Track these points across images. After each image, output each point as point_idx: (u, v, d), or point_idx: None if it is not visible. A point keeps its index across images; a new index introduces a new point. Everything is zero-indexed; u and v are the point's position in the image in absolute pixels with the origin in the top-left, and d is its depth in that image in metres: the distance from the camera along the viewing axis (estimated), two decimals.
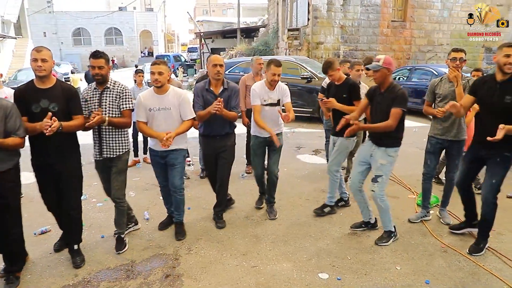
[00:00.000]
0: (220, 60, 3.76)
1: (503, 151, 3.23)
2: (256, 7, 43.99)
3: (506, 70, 3.10)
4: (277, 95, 4.01)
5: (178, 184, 3.68)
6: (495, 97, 3.16)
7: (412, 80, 11.21)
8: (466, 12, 16.54)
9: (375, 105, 3.58)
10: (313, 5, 14.97)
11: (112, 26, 39.61)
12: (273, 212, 4.26)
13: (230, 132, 3.98)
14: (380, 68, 3.38)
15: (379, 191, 3.55)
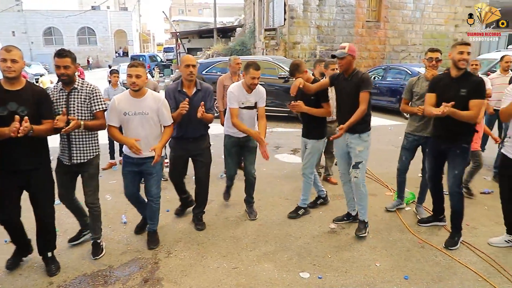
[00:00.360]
0: (192, 60, 3.67)
1: (462, 143, 3.44)
2: (232, 7, 43.94)
3: (460, 66, 3.32)
4: (254, 98, 3.96)
5: (156, 192, 3.57)
6: (451, 91, 3.35)
7: (387, 79, 11.43)
8: (437, 13, 17.08)
9: (341, 91, 3.71)
10: (289, 5, 15.06)
11: (85, 25, 38.72)
12: (253, 213, 4.24)
13: (205, 134, 3.90)
14: (346, 55, 3.52)
15: (361, 176, 3.70)
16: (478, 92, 3.30)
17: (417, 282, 3.04)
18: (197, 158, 3.88)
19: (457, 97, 3.29)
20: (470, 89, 3.29)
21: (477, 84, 3.32)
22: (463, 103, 3.27)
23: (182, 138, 3.78)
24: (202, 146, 3.86)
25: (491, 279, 3.05)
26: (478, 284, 3.01)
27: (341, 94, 3.73)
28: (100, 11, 39.96)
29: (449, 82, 3.42)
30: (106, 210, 4.37)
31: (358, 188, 3.73)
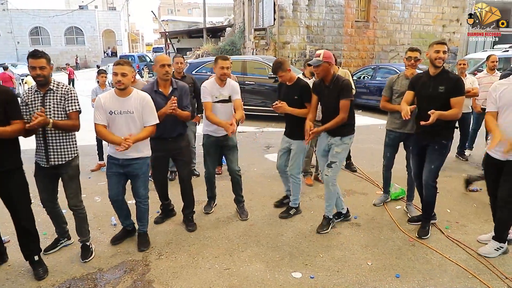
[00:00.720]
0: (167, 59, 3.63)
1: (441, 138, 3.56)
2: (222, 7, 43.85)
3: (437, 64, 3.43)
4: (228, 92, 3.94)
5: (143, 193, 3.52)
6: (430, 89, 3.49)
7: (376, 79, 11.51)
8: (425, 13, 17.26)
9: (324, 99, 3.74)
10: (279, 5, 15.07)
11: (73, 25, 38.22)
12: (244, 213, 4.22)
13: (183, 132, 3.86)
14: (321, 63, 3.54)
15: (332, 175, 3.76)
16: (457, 89, 3.41)
17: (409, 280, 3.05)
18: (177, 157, 3.85)
19: (436, 94, 3.45)
20: (449, 86, 3.41)
21: (456, 82, 3.42)
22: (441, 100, 3.42)
23: (160, 138, 3.69)
24: (182, 145, 3.83)
25: (480, 276, 3.08)
26: (469, 281, 3.04)
27: (323, 101, 3.77)
28: (88, 11, 39.48)
29: (427, 80, 3.54)
30: (95, 212, 4.33)
31: (327, 186, 3.81)
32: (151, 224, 4.04)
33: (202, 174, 4.92)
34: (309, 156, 5.27)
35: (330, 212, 3.90)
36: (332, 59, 3.59)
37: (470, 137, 6.50)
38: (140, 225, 3.65)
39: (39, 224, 3.48)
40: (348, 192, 4.98)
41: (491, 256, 3.39)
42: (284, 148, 4.16)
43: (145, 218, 3.63)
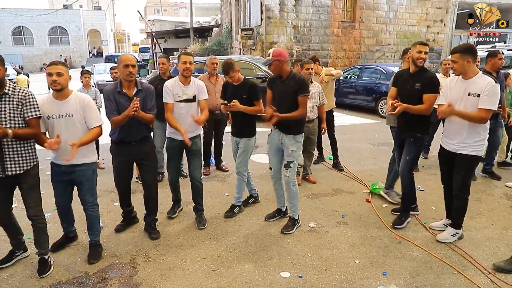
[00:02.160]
0: (131, 59, 3.45)
1: (416, 132, 3.80)
2: (209, 7, 43.72)
3: (418, 64, 3.67)
4: (192, 91, 3.83)
5: (90, 200, 3.33)
6: (409, 85, 3.73)
7: (362, 78, 11.61)
8: (409, 14, 17.50)
9: (278, 93, 3.77)
10: (266, 5, 15.11)
11: (57, 24, 37.64)
12: (202, 221, 4.02)
13: (148, 136, 3.70)
14: (272, 61, 3.63)
15: (291, 175, 3.82)
16: (430, 87, 3.63)
17: (395, 277, 3.09)
18: (142, 162, 3.67)
19: (413, 90, 3.68)
20: (423, 83, 3.63)
21: (429, 79, 3.65)
22: (417, 96, 3.65)
23: (123, 142, 3.55)
24: (146, 149, 3.67)
25: (465, 272, 3.14)
26: (453, 277, 3.09)
27: (278, 96, 3.78)
28: (72, 10, 38.94)
29: (407, 77, 3.79)
30: (82, 215, 4.25)
31: (289, 187, 3.84)
32: (138, 225, 4.02)
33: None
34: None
35: (295, 213, 3.93)
36: (283, 56, 3.62)
37: None
38: (91, 234, 3.43)
39: (23, 229, 3.43)
40: (335, 191, 5.01)
41: (448, 241, 3.63)
42: (235, 148, 4.23)
43: (94, 227, 3.43)
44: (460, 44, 3.53)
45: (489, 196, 4.83)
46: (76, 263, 3.35)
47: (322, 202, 4.63)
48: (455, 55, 3.34)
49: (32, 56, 36.10)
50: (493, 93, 3.23)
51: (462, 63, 3.31)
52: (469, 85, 3.35)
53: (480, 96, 3.26)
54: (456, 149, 3.48)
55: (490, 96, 3.23)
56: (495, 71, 4.94)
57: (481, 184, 5.23)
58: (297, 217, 3.96)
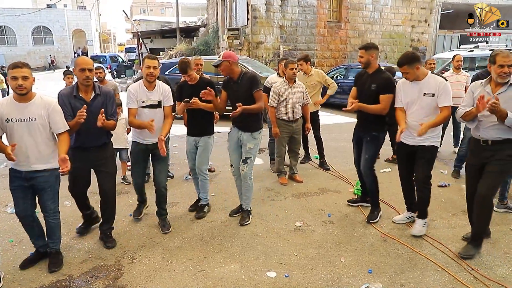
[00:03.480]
0: (88, 63, 3.24)
1: (372, 131, 3.94)
2: (195, 7, 43.55)
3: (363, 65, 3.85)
4: (157, 96, 3.71)
5: (52, 207, 3.18)
6: (366, 85, 3.86)
7: (348, 78, 11.70)
8: (394, 14, 17.70)
9: (233, 94, 3.86)
10: (252, 5, 15.11)
11: (41, 24, 36.95)
12: (166, 225, 3.92)
13: (107, 141, 3.55)
14: (221, 62, 3.71)
15: (248, 170, 3.96)
16: (385, 87, 3.76)
17: (381, 275, 3.12)
18: (100, 168, 3.51)
19: (369, 90, 3.81)
20: (379, 84, 3.76)
21: (385, 80, 3.78)
22: (374, 96, 3.77)
23: (81, 148, 3.41)
24: (105, 155, 3.54)
25: (449, 269, 3.19)
26: (438, 274, 3.13)
27: (233, 97, 3.85)
28: (56, 10, 38.26)
29: (366, 77, 3.91)
30: (65, 217, 4.18)
31: (246, 180, 3.99)
32: (124, 227, 3.98)
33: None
34: (281, 156, 5.30)
35: (248, 205, 4.12)
36: (232, 58, 3.73)
37: None
38: (51, 242, 3.30)
39: (5, 232, 3.36)
40: (321, 190, 5.04)
41: (422, 233, 3.76)
42: (192, 149, 4.19)
43: (55, 235, 3.29)
44: (403, 55, 3.56)
45: None
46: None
47: (308, 202, 4.64)
48: (404, 68, 3.49)
49: (15, 56, 35.30)
50: (447, 90, 3.44)
51: (413, 71, 3.48)
52: (423, 86, 3.52)
53: (436, 96, 3.44)
54: (417, 142, 3.59)
55: (445, 94, 3.44)
56: None
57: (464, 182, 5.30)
58: (250, 208, 4.14)
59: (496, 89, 3.20)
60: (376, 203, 4.17)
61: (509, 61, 3.05)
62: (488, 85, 3.27)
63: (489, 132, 3.25)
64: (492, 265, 3.25)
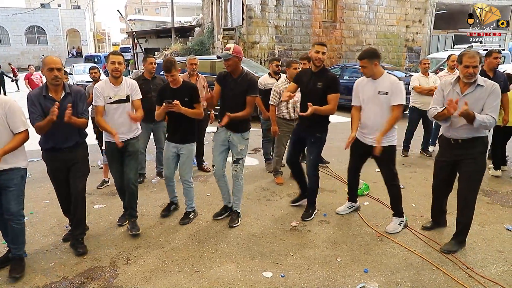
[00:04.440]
0: (57, 62, 3.16)
1: (316, 132, 3.95)
2: (190, 6, 43.43)
3: (316, 64, 3.79)
4: (125, 91, 3.70)
5: (15, 210, 3.05)
6: (311, 84, 3.83)
7: (344, 78, 11.72)
8: (389, 14, 17.77)
9: (229, 91, 3.77)
10: (247, 5, 15.10)
11: (34, 24, 36.67)
12: (136, 228, 3.81)
13: (81, 141, 3.46)
14: (231, 57, 3.62)
15: (240, 171, 3.97)
16: (332, 87, 3.79)
17: (376, 275, 3.12)
18: (72, 168, 3.42)
19: (315, 89, 3.80)
20: (325, 83, 3.77)
21: (331, 80, 3.81)
22: (319, 95, 3.77)
23: (54, 149, 3.33)
24: (78, 155, 3.44)
25: (444, 267, 3.20)
26: (433, 273, 3.14)
27: (227, 93, 3.77)
28: (50, 9, 38.00)
29: (310, 76, 3.89)
30: (58, 218, 4.17)
31: (237, 180, 3.99)
32: (118, 228, 3.95)
33: None
34: (280, 155, 5.30)
35: (238, 206, 4.08)
36: (241, 54, 3.71)
37: (433, 134, 6.71)
38: (14, 248, 3.18)
39: None
40: None
41: (397, 231, 3.81)
42: (172, 155, 3.97)
43: (19, 240, 3.16)
44: (365, 50, 3.66)
45: None
46: (54, 267, 3.27)
47: (304, 201, 4.63)
48: (364, 61, 3.58)
49: (8, 56, 35.08)
50: (400, 89, 3.54)
51: (371, 67, 3.57)
52: (378, 84, 3.62)
53: (389, 95, 3.55)
54: (373, 142, 3.65)
55: (398, 93, 3.54)
56: (491, 70, 5.00)
57: None
58: (239, 210, 4.10)
59: (464, 88, 3.27)
60: (313, 202, 4.19)
61: (474, 62, 3.12)
62: (457, 85, 3.33)
63: (459, 132, 3.33)
64: (486, 264, 3.27)
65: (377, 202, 4.60)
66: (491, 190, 4.99)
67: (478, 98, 3.19)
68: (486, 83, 3.21)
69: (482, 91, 3.20)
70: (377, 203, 4.58)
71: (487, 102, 3.17)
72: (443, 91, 3.42)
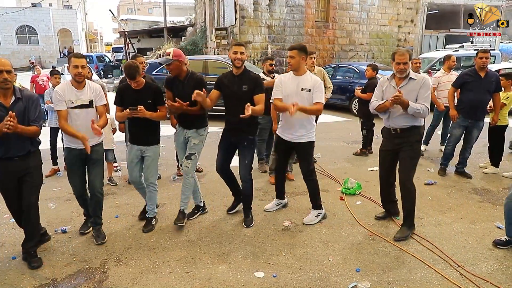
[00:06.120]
0: (5, 64, 2.95)
1: (248, 135, 3.88)
2: (183, 6, 43.30)
3: (236, 64, 3.71)
4: (88, 96, 3.48)
5: None
6: (235, 87, 3.75)
7: (336, 77, 11.73)
8: (381, 14, 17.85)
9: (179, 93, 3.74)
10: (240, 4, 15.07)
11: (25, 23, 36.27)
12: (101, 236, 3.68)
13: (33, 150, 3.24)
14: (172, 61, 3.62)
15: (192, 167, 3.89)
16: (258, 87, 3.76)
17: (368, 274, 3.12)
18: (24, 179, 3.20)
19: (240, 92, 3.72)
20: (250, 85, 3.73)
21: (255, 80, 3.78)
22: (246, 98, 3.69)
23: (3, 158, 3.09)
24: (32, 164, 3.23)
25: (435, 266, 3.21)
26: (424, 271, 3.15)
27: (179, 96, 3.67)
28: (41, 9, 37.60)
29: (233, 79, 3.80)
30: (49, 219, 4.13)
31: (187, 177, 3.89)
32: (110, 229, 3.91)
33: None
34: None
35: (186, 205, 3.97)
36: (183, 57, 3.71)
37: (427, 133, 6.71)
38: None
39: None
40: None
41: (313, 222, 4.00)
42: (136, 158, 3.86)
43: None
44: (296, 43, 3.72)
45: (459, 191, 4.96)
46: (43, 269, 3.22)
47: (296, 201, 4.63)
48: (293, 51, 3.67)
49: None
50: (321, 89, 3.73)
51: (298, 59, 3.68)
52: (301, 81, 3.75)
53: (312, 92, 3.70)
54: (293, 138, 3.84)
55: (319, 92, 3.71)
56: (481, 69, 5.01)
57: (451, 180, 5.37)
58: (186, 208, 4.01)
59: (399, 82, 3.64)
60: (249, 207, 4.10)
61: (404, 59, 3.50)
62: (393, 80, 3.70)
63: (397, 121, 3.67)
64: (477, 262, 3.28)
65: (369, 201, 4.61)
66: (482, 189, 5.02)
67: (411, 89, 3.57)
68: (417, 77, 3.61)
69: (414, 83, 3.58)
70: (369, 202, 4.58)
71: (420, 93, 3.55)
72: (382, 86, 3.77)
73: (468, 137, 5.36)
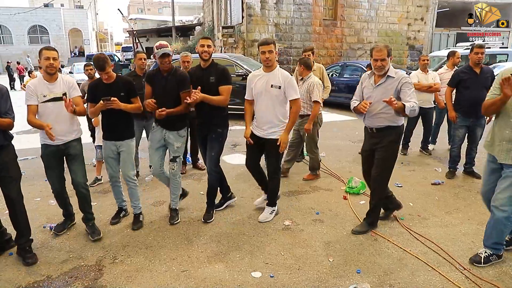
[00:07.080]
0: None
1: (217, 128, 3.85)
2: (192, 6, 43.48)
3: (203, 57, 3.70)
4: (61, 88, 3.43)
5: None
6: (203, 80, 3.72)
7: (344, 76, 11.61)
8: (390, 12, 17.62)
9: (161, 89, 3.72)
10: (247, 3, 15.01)
11: (37, 23, 36.80)
12: (96, 232, 3.66)
13: (6, 144, 3.17)
14: (171, 54, 3.65)
15: (177, 169, 3.93)
16: (224, 78, 3.74)
17: (369, 275, 3.02)
18: (1, 174, 3.16)
19: (208, 84, 3.70)
20: (217, 77, 3.72)
21: (222, 72, 3.76)
22: (214, 89, 3.70)
23: None
24: (6, 158, 3.16)
25: (440, 268, 3.09)
26: (428, 274, 3.03)
27: (160, 92, 3.70)
28: (53, 9, 38.10)
29: (200, 72, 3.80)
30: (49, 216, 4.11)
31: (175, 178, 3.94)
32: (107, 226, 3.88)
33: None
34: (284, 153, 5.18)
35: (177, 204, 4.06)
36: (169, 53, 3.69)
37: (433, 132, 6.60)
38: None
39: None
40: (312, 188, 4.93)
41: (269, 219, 3.96)
42: (111, 154, 3.81)
43: None
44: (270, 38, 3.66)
45: (467, 191, 4.81)
46: (39, 265, 3.19)
47: (298, 200, 4.54)
48: (270, 46, 3.61)
49: (11, 55, 35.14)
50: (293, 84, 3.67)
51: (273, 55, 3.63)
52: (270, 78, 3.69)
53: (283, 89, 3.64)
54: (265, 134, 3.79)
55: (291, 88, 3.66)
56: (476, 65, 4.88)
57: (459, 180, 5.23)
58: (178, 207, 4.07)
59: (377, 80, 3.49)
60: (213, 201, 4.09)
61: (381, 55, 3.32)
62: (372, 77, 3.55)
63: (373, 121, 3.55)
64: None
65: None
66: None
67: (389, 88, 3.40)
68: (396, 75, 3.41)
69: (392, 81, 3.40)
70: None
71: (404, 92, 3.34)
72: (362, 84, 3.67)
73: (472, 137, 5.21)
